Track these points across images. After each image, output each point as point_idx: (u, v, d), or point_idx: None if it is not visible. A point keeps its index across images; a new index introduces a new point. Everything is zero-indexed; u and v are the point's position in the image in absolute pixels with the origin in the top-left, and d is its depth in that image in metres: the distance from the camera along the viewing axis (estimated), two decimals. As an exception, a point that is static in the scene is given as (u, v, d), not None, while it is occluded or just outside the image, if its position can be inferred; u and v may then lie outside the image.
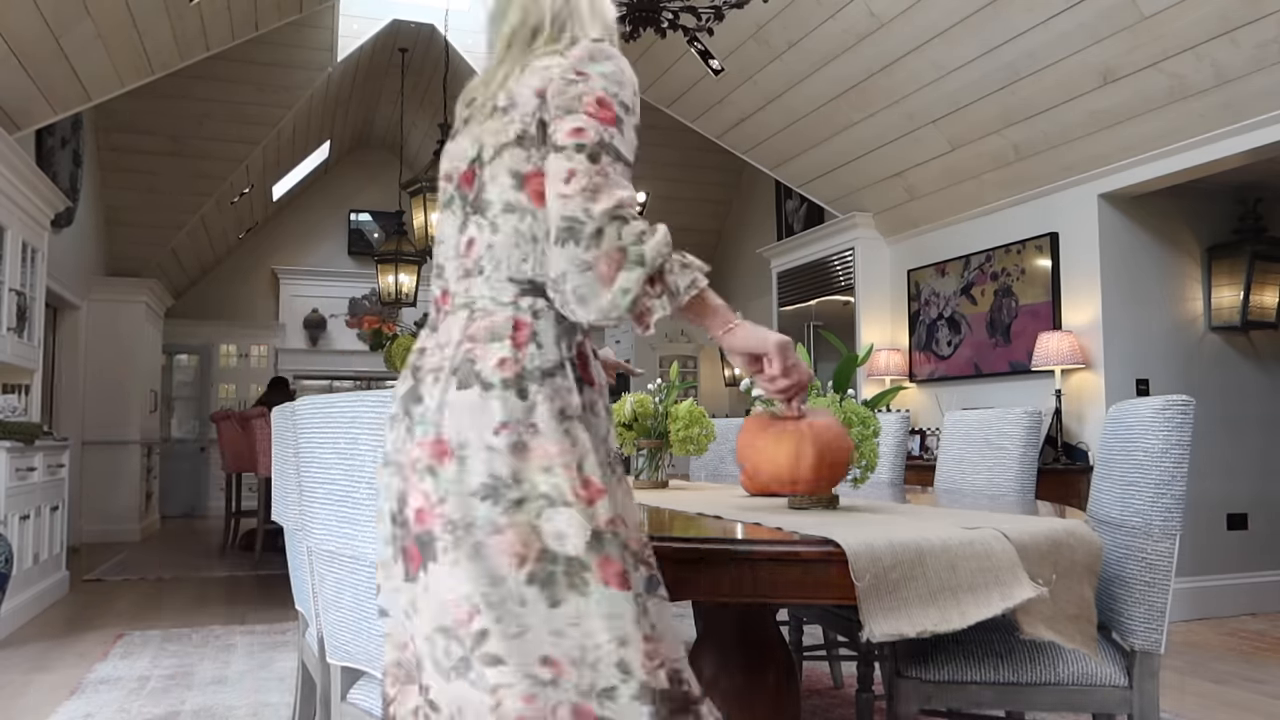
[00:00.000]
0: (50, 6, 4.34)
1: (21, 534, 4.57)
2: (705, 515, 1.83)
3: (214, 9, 5.38)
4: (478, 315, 1.29)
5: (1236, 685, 3.58)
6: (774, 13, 5.07)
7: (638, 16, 3.41)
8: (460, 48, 7.64)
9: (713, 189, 9.15)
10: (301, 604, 2.28)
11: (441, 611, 1.19)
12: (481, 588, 1.16)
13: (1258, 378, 5.20)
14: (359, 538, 1.57)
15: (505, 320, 1.27)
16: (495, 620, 1.16)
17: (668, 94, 6.50)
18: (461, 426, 1.22)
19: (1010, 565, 1.50)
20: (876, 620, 1.42)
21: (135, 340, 8.46)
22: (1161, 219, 5.00)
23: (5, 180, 4.82)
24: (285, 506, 2.29)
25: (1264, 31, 3.63)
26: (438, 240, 1.43)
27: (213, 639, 4.31)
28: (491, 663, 1.16)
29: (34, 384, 5.51)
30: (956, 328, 5.78)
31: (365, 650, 1.62)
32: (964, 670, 1.82)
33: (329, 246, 11.49)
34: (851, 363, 1.94)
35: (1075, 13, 4.05)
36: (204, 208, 8.35)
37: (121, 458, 8.29)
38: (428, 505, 1.21)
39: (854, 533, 1.49)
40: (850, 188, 6.26)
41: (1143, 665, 1.80)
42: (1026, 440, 2.61)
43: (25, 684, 3.58)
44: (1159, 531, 1.79)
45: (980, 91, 4.80)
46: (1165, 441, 1.79)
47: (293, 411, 1.84)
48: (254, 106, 7.42)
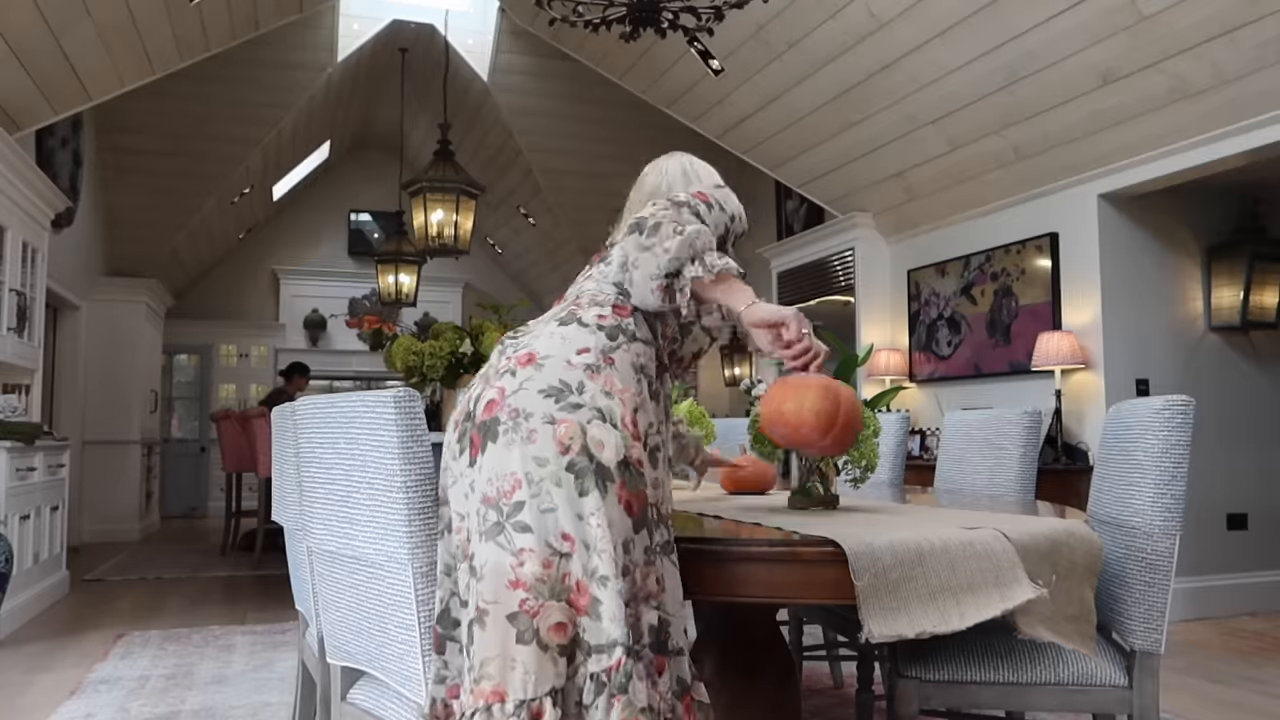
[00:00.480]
0: (50, 6, 4.34)
1: (22, 534, 4.57)
2: (705, 515, 1.83)
3: (214, 9, 5.39)
4: (584, 292, 1.62)
5: (1236, 685, 3.58)
6: (774, 13, 5.07)
7: (638, 16, 3.41)
8: (460, 48, 7.64)
9: (713, 189, 9.13)
10: (301, 604, 2.28)
11: (489, 484, 1.39)
12: (528, 466, 1.37)
13: (1258, 378, 5.20)
14: (359, 538, 1.57)
15: (607, 298, 1.58)
16: (532, 495, 1.36)
17: (668, 94, 6.50)
18: (551, 346, 1.48)
19: (1010, 566, 1.50)
20: (876, 621, 1.42)
21: (135, 340, 8.46)
22: (1161, 219, 5.00)
23: (5, 180, 4.82)
24: (285, 506, 2.29)
25: (1264, 31, 3.63)
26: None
27: (213, 639, 4.31)
28: (521, 530, 1.35)
29: (34, 384, 5.51)
30: (956, 328, 5.78)
31: (365, 650, 1.62)
32: (964, 670, 1.82)
33: (329, 246, 11.49)
34: (851, 363, 1.94)
35: (1075, 13, 4.04)
36: (204, 208, 8.35)
37: (121, 458, 8.28)
38: (499, 398, 1.43)
39: (854, 533, 1.49)
40: (850, 188, 6.26)
41: (1143, 665, 1.80)
42: (1026, 440, 2.61)
43: (25, 684, 3.58)
44: (1159, 531, 1.79)
45: (980, 91, 4.79)
46: (1165, 441, 1.79)
47: (293, 411, 1.84)
48: (254, 106, 7.42)
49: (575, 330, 1.50)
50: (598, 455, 1.38)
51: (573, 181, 8.83)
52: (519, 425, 1.39)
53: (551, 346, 1.48)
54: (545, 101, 8.06)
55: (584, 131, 8.27)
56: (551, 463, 1.37)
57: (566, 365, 1.44)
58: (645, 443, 1.44)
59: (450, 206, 6.08)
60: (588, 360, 1.45)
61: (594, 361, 1.46)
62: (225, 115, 7.33)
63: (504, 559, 1.35)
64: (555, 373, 1.43)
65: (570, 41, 6.58)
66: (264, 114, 7.54)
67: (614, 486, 1.37)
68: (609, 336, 1.50)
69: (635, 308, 1.57)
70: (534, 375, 1.43)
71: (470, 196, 6.17)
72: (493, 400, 1.43)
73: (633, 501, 1.38)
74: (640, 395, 1.47)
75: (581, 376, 1.44)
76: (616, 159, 8.54)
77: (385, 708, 1.61)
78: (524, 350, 1.48)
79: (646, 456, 1.44)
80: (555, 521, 1.35)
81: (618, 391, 1.44)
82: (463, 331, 5.52)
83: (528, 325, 1.62)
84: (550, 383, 1.42)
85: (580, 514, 1.35)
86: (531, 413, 1.40)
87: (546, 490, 1.36)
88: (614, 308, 1.55)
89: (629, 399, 1.45)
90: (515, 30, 7.38)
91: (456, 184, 6.08)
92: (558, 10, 3.54)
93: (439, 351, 5.29)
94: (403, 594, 1.47)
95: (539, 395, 1.41)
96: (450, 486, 1.46)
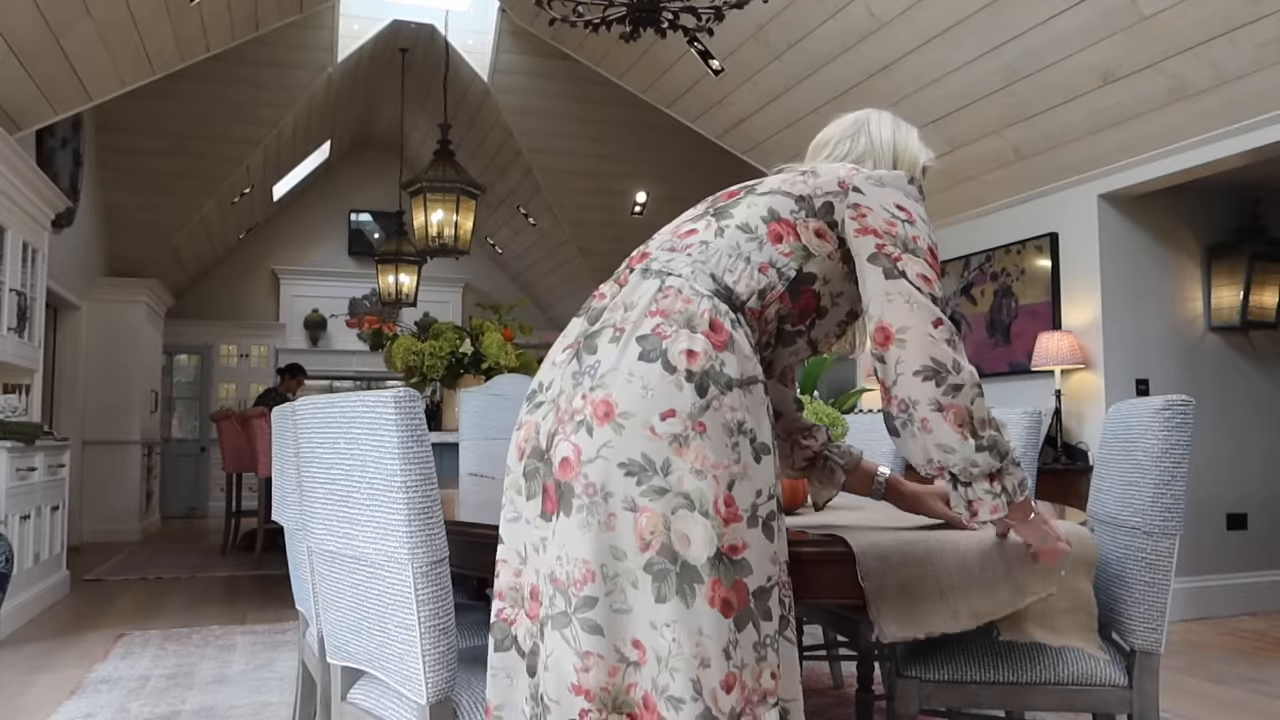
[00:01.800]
0: (50, 6, 4.34)
1: (22, 534, 4.57)
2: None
3: (214, 9, 5.39)
4: (669, 292, 1.32)
5: (1236, 685, 3.58)
6: (774, 13, 5.07)
7: (638, 16, 3.40)
8: (460, 48, 7.64)
9: (713, 189, 9.11)
10: (301, 604, 2.28)
11: (558, 563, 1.24)
12: (603, 558, 1.21)
13: (1258, 378, 5.20)
14: (359, 538, 1.57)
15: (702, 314, 1.29)
16: (605, 593, 1.21)
17: (668, 94, 6.50)
18: (632, 397, 1.23)
19: (1020, 564, 1.49)
20: (889, 623, 1.41)
21: (135, 340, 8.46)
22: (1161, 219, 5.00)
23: (5, 180, 4.82)
24: (285, 506, 2.29)
25: (1264, 31, 3.63)
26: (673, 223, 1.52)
27: (213, 639, 4.31)
28: (591, 630, 1.21)
29: (34, 384, 5.51)
30: (956, 328, 5.78)
31: (365, 650, 1.62)
32: (964, 670, 1.82)
33: (329, 246, 11.49)
34: (820, 365, 1.98)
35: (1075, 13, 4.04)
36: (204, 208, 8.35)
37: (121, 458, 8.28)
38: (574, 459, 1.24)
39: (860, 533, 1.48)
40: (850, 188, 6.25)
41: (1143, 665, 1.80)
42: (1026, 440, 2.61)
43: (26, 684, 3.58)
44: (1159, 531, 1.79)
45: (980, 92, 4.79)
46: (1165, 441, 1.78)
47: (293, 411, 1.84)
48: (254, 106, 7.42)
49: (658, 376, 1.24)
50: (682, 554, 1.19)
51: (573, 181, 8.83)
52: (595, 506, 1.21)
53: (631, 398, 1.23)
54: (545, 101, 8.06)
55: (584, 131, 8.27)
56: (629, 559, 1.20)
57: (649, 433, 1.22)
58: (754, 516, 1.23)
59: (450, 206, 6.08)
60: (674, 430, 1.22)
61: (681, 431, 1.22)
62: (225, 115, 7.33)
63: (568, 658, 1.21)
64: (637, 443, 1.22)
65: (570, 41, 6.58)
66: (264, 114, 7.54)
67: (702, 589, 1.19)
68: (698, 390, 1.23)
69: (739, 322, 1.32)
70: (613, 441, 1.22)
71: (470, 196, 6.17)
72: (567, 459, 1.25)
73: (731, 598, 1.19)
74: (740, 463, 1.23)
75: (667, 452, 1.21)
76: (616, 159, 8.55)
77: (385, 708, 1.61)
78: (600, 396, 1.25)
79: (757, 533, 1.23)
80: (628, 625, 1.20)
81: (709, 468, 1.21)
82: (463, 331, 5.52)
83: (603, 294, 1.40)
84: (632, 455, 1.21)
85: (654, 622, 1.19)
86: (611, 492, 1.21)
87: (622, 588, 1.20)
88: (709, 330, 1.28)
89: (723, 474, 1.22)
90: (515, 30, 7.38)
91: (456, 184, 6.07)
92: (558, 10, 3.54)
93: (439, 351, 5.30)
94: (403, 594, 1.47)
95: (619, 471, 1.21)
96: (512, 520, 1.34)
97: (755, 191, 1.47)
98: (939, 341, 1.34)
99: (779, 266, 1.39)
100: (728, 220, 1.42)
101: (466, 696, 1.56)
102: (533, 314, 11.34)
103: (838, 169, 1.48)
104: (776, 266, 1.39)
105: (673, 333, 1.27)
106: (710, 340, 1.27)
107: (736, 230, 1.40)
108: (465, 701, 1.55)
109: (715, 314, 1.29)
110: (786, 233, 1.41)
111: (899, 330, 1.34)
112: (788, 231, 1.41)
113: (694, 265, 1.35)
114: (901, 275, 1.36)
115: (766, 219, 1.41)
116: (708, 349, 1.26)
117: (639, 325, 1.29)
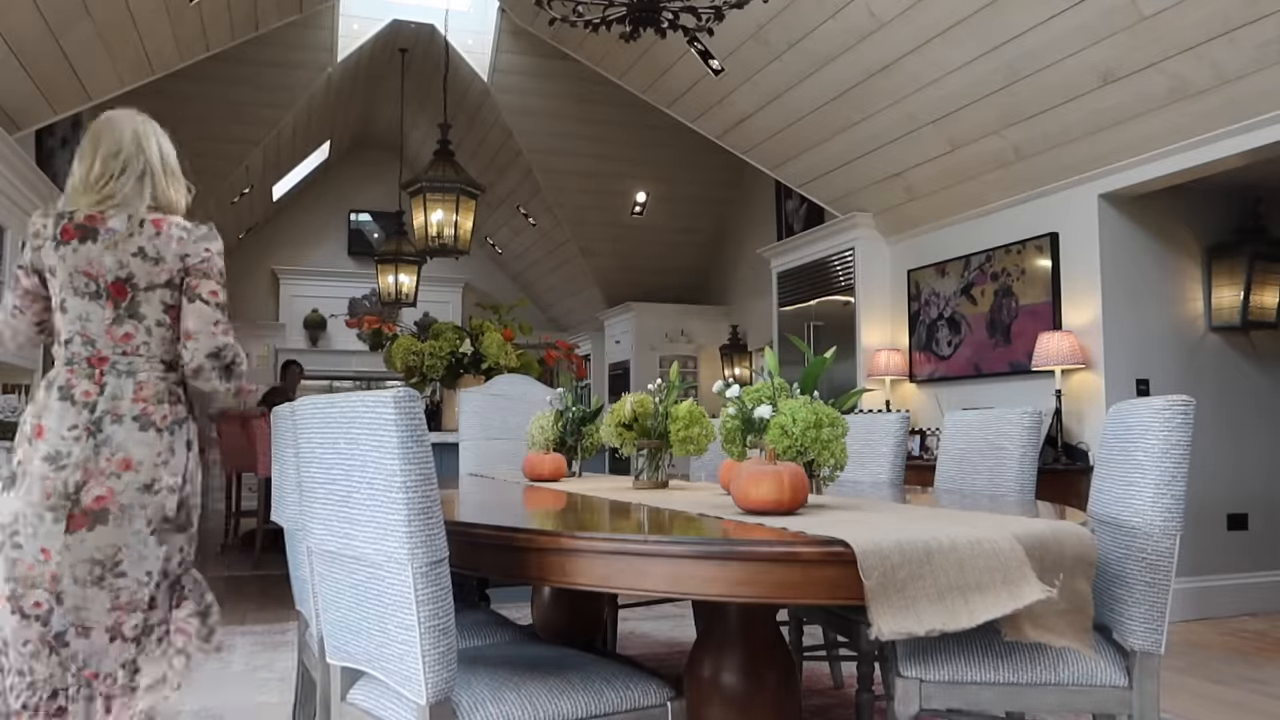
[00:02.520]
0: (50, 6, 4.34)
1: (21, 534, 4.56)
2: (706, 516, 1.83)
3: (214, 9, 5.39)
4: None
5: (1236, 685, 3.58)
6: (774, 13, 5.07)
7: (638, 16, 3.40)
8: (460, 48, 7.64)
9: (713, 189, 9.15)
10: (301, 604, 2.28)
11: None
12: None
13: (1258, 378, 5.20)
14: (359, 538, 1.57)
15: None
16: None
17: (668, 94, 6.50)
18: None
19: (1018, 565, 1.49)
20: (886, 619, 1.41)
21: (135, 340, 8.45)
22: (1161, 219, 5.00)
23: (5, 180, 4.82)
24: (285, 506, 2.29)
25: (1264, 31, 3.63)
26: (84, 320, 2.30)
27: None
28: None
29: (34, 384, 5.51)
30: (956, 328, 5.78)
31: (365, 650, 1.62)
32: (964, 670, 1.82)
33: (329, 246, 11.49)
34: (820, 365, 1.98)
35: (1075, 13, 4.04)
36: (204, 208, 8.35)
37: (121, 458, 8.26)
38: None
39: (861, 532, 1.48)
40: (850, 188, 6.26)
41: (1143, 665, 1.80)
42: (1027, 440, 2.61)
43: (25, 684, 3.58)
44: (1159, 532, 1.79)
45: (980, 92, 4.80)
46: (1165, 442, 1.78)
47: (293, 411, 1.84)
48: (254, 106, 7.42)
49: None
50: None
51: (573, 181, 8.84)
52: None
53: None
54: (545, 101, 8.06)
55: (584, 131, 8.27)
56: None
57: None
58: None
59: (450, 206, 6.08)
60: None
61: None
62: (225, 115, 7.33)
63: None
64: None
65: (570, 41, 6.59)
66: (263, 114, 7.55)
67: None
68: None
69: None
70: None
71: (470, 196, 6.17)
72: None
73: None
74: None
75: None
76: (616, 159, 8.55)
77: (385, 708, 1.61)
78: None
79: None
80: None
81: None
82: (463, 331, 5.53)
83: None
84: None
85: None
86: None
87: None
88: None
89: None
90: (515, 30, 7.38)
91: (456, 184, 6.08)
92: (558, 10, 3.54)
93: (439, 351, 5.30)
94: (403, 594, 1.47)
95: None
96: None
97: (140, 288, 2.26)
98: (219, 335, 2.29)
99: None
100: (146, 319, 2.29)
101: (466, 696, 1.56)
102: (533, 314, 11.34)
103: (172, 248, 2.32)
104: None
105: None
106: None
107: (156, 326, 2.29)
108: (465, 701, 1.55)
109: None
110: (176, 313, 2.40)
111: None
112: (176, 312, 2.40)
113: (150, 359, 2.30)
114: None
115: (163, 310, 2.31)
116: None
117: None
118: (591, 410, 3.13)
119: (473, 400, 3.87)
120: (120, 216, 2.22)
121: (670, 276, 9.98)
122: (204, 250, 2.26)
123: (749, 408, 2.03)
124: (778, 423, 1.93)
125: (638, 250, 9.66)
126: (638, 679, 1.68)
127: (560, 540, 1.53)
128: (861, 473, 3.12)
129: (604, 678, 1.67)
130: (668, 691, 1.68)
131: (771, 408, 1.97)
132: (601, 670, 1.71)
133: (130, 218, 2.22)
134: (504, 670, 1.70)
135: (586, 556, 1.52)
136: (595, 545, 1.51)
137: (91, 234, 2.20)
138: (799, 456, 1.93)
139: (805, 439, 1.90)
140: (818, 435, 1.91)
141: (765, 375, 2.12)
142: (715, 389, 2.14)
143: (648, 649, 4.18)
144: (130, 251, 2.20)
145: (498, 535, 1.63)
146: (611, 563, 1.50)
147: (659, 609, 5.06)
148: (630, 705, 1.63)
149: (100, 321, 2.20)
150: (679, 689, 1.70)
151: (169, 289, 2.24)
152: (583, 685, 1.64)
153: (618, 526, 1.70)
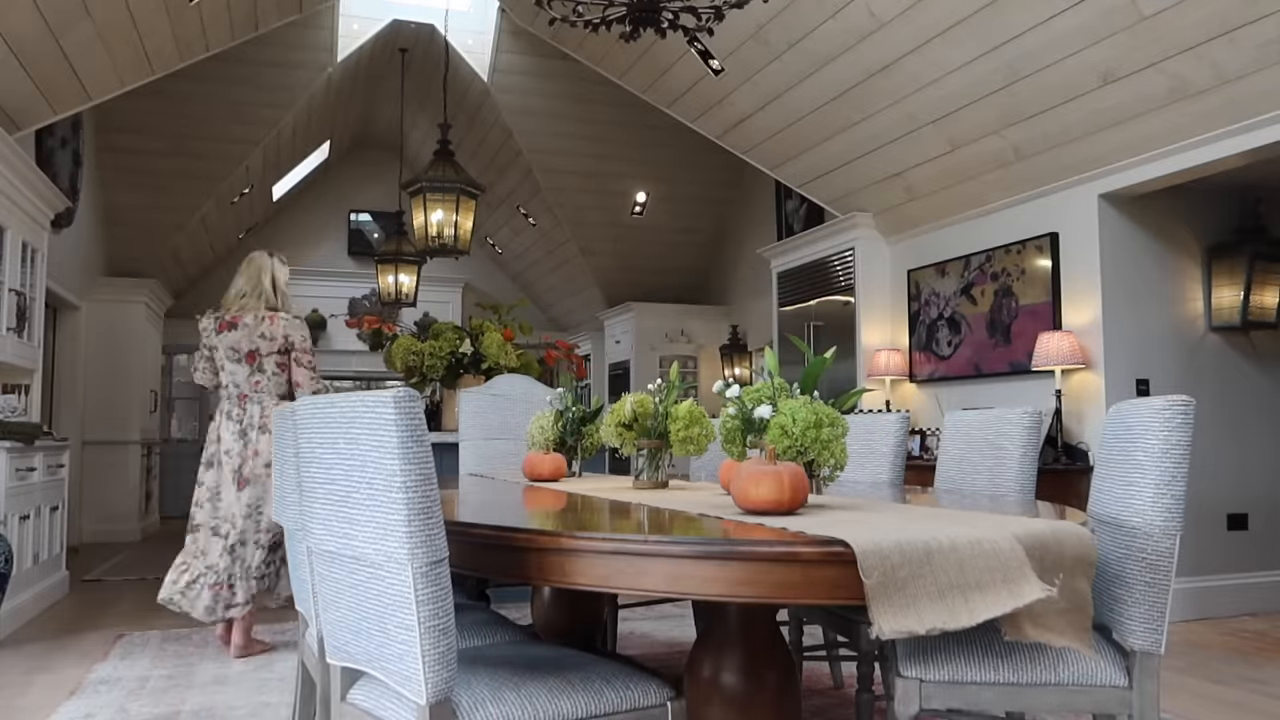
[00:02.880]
0: (50, 6, 4.34)
1: (21, 534, 4.57)
2: (706, 515, 1.83)
3: (214, 9, 5.39)
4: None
5: (1236, 685, 3.58)
6: (774, 13, 5.07)
7: (638, 16, 3.40)
8: (460, 48, 7.64)
9: (713, 189, 9.15)
10: (301, 604, 2.28)
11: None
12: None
13: (1258, 378, 5.20)
14: (359, 538, 1.57)
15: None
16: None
17: (668, 94, 6.50)
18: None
19: (1018, 564, 1.49)
20: (886, 618, 1.41)
21: (135, 340, 8.46)
22: (1161, 219, 5.00)
23: (5, 180, 4.82)
24: (285, 506, 2.29)
25: (1264, 31, 3.63)
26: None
27: (213, 639, 4.30)
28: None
29: (34, 384, 5.51)
30: (956, 328, 5.78)
31: (365, 650, 1.62)
32: (964, 670, 1.82)
33: (329, 246, 11.49)
34: (820, 365, 1.98)
35: (1075, 13, 4.05)
36: (204, 208, 8.35)
37: (121, 458, 8.28)
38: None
39: (861, 532, 1.48)
40: (850, 188, 6.26)
41: (1143, 665, 1.80)
42: (1027, 440, 2.61)
43: (25, 684, 3.58)
44: (1159, 532, 1.79)
45: (980, 91, 4.80)
46: (1165, 442, 1.78)
47: (293, 411, 1.84)
48: (254, 106, 7.42)
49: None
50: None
51: (573, 181, 8.84)
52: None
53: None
54: (545, 101, 8.06)
55: (583, 131, 8.27)
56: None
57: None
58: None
59: (450, 206, 6.08)
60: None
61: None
62: (225, 115, 7.33)
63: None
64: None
65: (570, 41, 6.59)
66: (264, 114, 7.54)
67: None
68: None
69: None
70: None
71: (470, 196, 6.17)
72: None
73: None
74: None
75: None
76: (616, 159, 8.56)
77: (385, 708, 1.61)
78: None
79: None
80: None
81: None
82: (463, 331, 5.53)
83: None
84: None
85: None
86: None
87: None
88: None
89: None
90: (515, 30, 7.38)
91: (456, 184, 6.07)
92: (558, 10, 3.54)
93: (439, 351, 5.30)
94: (403, 594, 1.47)
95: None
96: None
97: (262, 354, 3.89)
98: (305, 385, 4.02)
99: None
100: (267, 368, 3.98)
101: (466, 696, 1.56)
102: (533, 314, 11.34)
103: (278, 330, 4.01)
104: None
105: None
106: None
107: (272, 376, 3.97)
108: (465, 701, 1.55)
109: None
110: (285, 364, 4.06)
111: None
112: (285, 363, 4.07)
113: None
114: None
115: (276, 365, 4.04)
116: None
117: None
118: (591, 410, 3.13)
119: (473, 400, 3.87)
120: (250, 315, 3.99)
121: (670, 276, 9.98)
122: (299, 334, 4.02)
123: (749, 408, 2.03)
124: (778, 423, 1.93)
125: (638, 250, 9.66)
126: (638, 679, 1.68)
127: (560, 540, 1.53)
128: (861, 473, 3.12)
129: (604, 678, 1.67)
130: (668, 691, 1.68)
131: (771, 408, 1.97)
132: (601, 670, 1.71)
133: (255, 316, 3.99)
134: (504, 670, 1.70)
135: (586, 556, 1.52)
136: (595, 545, 1.51)
137: (234, 326, 3.98)
138: (799, 456, 1.93)
139: (805, 439, 1.90)
140: (818, 435, 1.91)
141: (765, 375, 2.12)
142: (715, 389, 2.14)
143: (648, 649, 4.18)
144: (256, 335, 3.96)
145: (497, 535, 1.63)
146: (611, 563, 1.50)
147: (659, 609, 5.06)
148: (630, 705, 1.64)
149: (243, 374, 3.98)
150: (679, 689, 1.70)
151: (279, 354, 3.99)
152: (583, 685, 1.64)
153: (618, 526, 1.70)
